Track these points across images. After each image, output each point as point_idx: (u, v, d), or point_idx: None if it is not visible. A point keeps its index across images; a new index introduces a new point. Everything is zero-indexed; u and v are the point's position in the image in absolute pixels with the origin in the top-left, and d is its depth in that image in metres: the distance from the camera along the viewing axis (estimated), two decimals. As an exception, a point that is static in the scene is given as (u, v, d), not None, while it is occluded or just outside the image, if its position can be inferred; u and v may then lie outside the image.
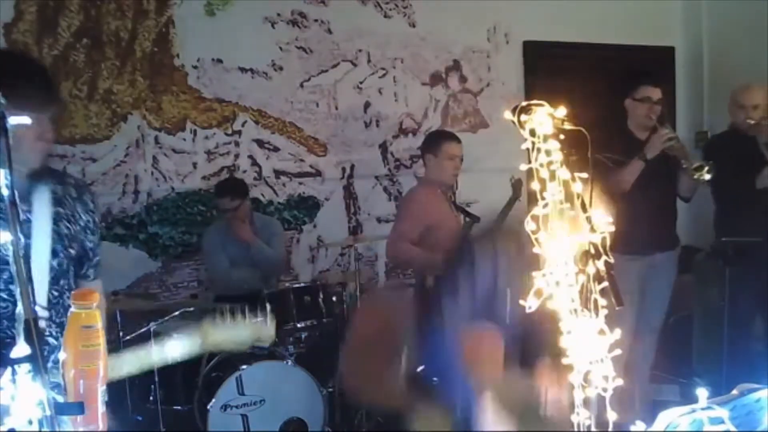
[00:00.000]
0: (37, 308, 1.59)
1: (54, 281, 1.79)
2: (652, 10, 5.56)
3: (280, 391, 3.40)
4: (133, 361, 1.78)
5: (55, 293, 1.79)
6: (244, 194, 4.07)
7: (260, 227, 4.18)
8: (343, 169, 4.95)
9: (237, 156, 4.65)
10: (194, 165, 4.56)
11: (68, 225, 1.83)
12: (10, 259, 1.13)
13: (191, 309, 3.72)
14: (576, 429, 1.31)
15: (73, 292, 1.32)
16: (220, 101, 4.58)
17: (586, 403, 1.29)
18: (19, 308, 1.12)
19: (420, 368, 2.19)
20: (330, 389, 3.88)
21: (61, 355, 1.28)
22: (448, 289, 3.38)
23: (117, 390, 3.48)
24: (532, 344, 2.19)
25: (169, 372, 3.59)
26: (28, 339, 1.11)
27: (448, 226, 3.56)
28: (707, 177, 3.41)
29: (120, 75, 4.34)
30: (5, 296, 1.68)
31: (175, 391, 3.67)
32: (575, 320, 1.28)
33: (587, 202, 1.29)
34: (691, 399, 1.26)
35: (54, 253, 1.77)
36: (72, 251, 1.85)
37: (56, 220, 1.79)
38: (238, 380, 3.33)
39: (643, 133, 3.67)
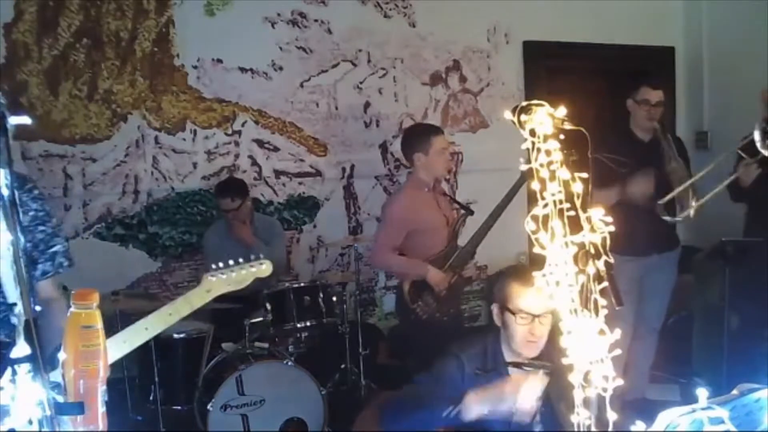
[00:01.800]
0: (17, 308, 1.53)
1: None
2: (652, 10, 5.56)
3: (280, 391, 3.40)
4: (140, 329, 1.77)
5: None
6: (244, 194, 4.07)
7: (261, 228, 4.18)
8: (343, 169, 4.95)
9: (237, 156, 4.65)
10: (194, 165, 4.56)
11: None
12: (10, 259, 1.12)
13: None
14: (576, 429, 1.31)
15: (73, 292, 1.32)
16: (220, 101, 4.58)
17: (586, 403, 1.29)
18: (19, 308, 1.12)
19: None
20: (330, 389, 3.89)
21: (61, 355, 1.28)
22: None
23: (117, 390, 3.49)
24: None
25: (169, 372, 3.59)
26: (28, 339, 1.11)
27: (434, 227, 3.45)
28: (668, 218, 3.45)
29: (120, 75, 4.35)
30: None
31: (175, 391, 3.66)
32: (575, 320, 1.28)
33: (587, 202, 1.29)
34: (691, 399, 1.26)
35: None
36: (26, 243, 1.75)
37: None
38: (238, 380, 3.33)
39: (645, 134, 3.67)
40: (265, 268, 2.00)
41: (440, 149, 3.44)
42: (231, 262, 1.95)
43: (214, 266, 1.91)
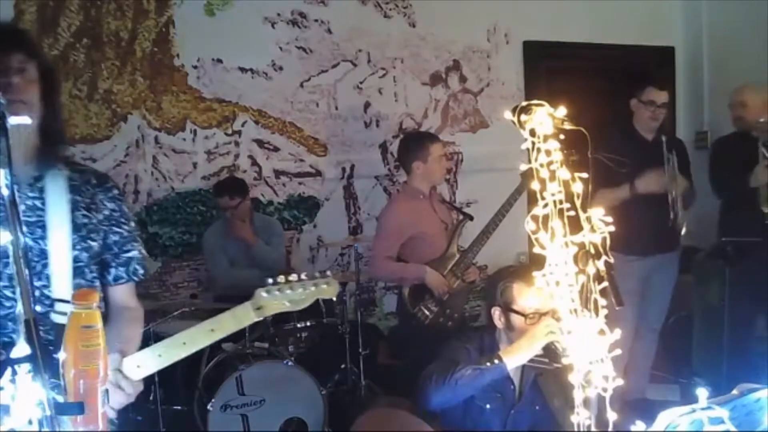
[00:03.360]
0: (61, 306, 1.46)
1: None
2: (652, 10, 5.56)
3: (280, 391, 3.40)
4: (184, 342, 1.59)
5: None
6: (243, 193, 4.08)
7: (260, 227, 4.18)
8: (343, 169, 4.95)
9: (237, 156, 4.65)
10: (194, 165, 4.56)
11: (87, 214, 1.62)
12: (11, 260, 1.12)
13: (191, 309, 3.72)
14: (576, 429, 1.31)
15: (73, 292, 1.32)
16: (220, 101, 4.58)
17: (586, 403, 1.29)
18: (19, 308, 1.12)
19: None
20: (330, 389, 3.88)
21: (61, 355, 1.28)
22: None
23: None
24: None
25: (169, 372, 3.59)
26: (28, 339, 1.11)
27: (432, 233, 3.46)
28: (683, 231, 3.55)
29: (120, 75, 4.35)
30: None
31: (175, 391, 3.67)
32: (575, 320, 1.28)
33: (587, 202, 1.29)
34: (691, 399, 1.26)
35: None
36: (93, 243, 1.62)
37: (72, 208, 1.58)
38: (238, 380, 3.33)
39: (648, 134, 3.67)
40: (330, 289, 1.72)
41: (438, 156, 3.46)
42: (293, 277, 1.67)
43: (270, 281, 1.64)
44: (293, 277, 1.67)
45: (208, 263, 4.28)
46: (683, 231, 3.57)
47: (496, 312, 2.27)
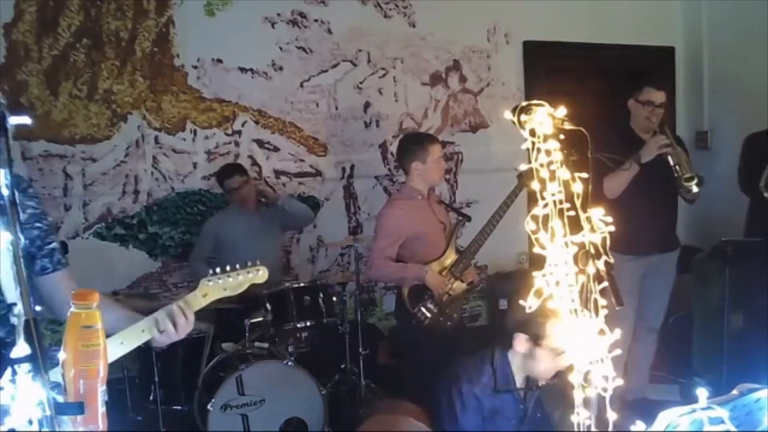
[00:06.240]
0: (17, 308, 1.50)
1: None
2: (652, 10, 5.56)
3: (280, 391, 3.39)
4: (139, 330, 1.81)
5: None
6: (244, 172, 4.23)
7: (272, 213, 4.25)
8: (343, 169, 4.95)
9: (237, 156, 4.65)
10: (194, 165, 4.56)
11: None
12: (10, 260, 1.12)
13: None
14: (576, 429, 1.31)
15: (72, 292, 1.32)
16: (220, 101, 4.58)
17: (586, 403, 1.29)
18: (19, 308, 1.12)
19: None
20: (330, 389, 3.88)
21: (61, 355, 1.28)
22: None
23: (117, 390, 3.49)
24: None
25: (169, 372, 3.60)
26: (28, 339, 1.11)
27: (431, 233, 3.45)
28: (696, 189, 3.43)
29: (120, 75, 4.35)
30: None
31: (175, 391, 3.67)
32: (575, 320, 1.28)
33: (587, 201, 1.29)
34: (691, 399, 1.26)
35: None
36: (25, 241, 1.70)
37: None
38: (238, 380, 3.33)
39: (646, 134, 3.67)
40: (261, 275, 2.00)
41: (437, 157, 3.46)
42: (228, 267, 1.96)
43: (211, 271, 1.92)
44: (228, 267, 1.94)
45: (195, 247, 4.32)
46: (695, 190, 3.45)
47: (521, 338, 2.22)
